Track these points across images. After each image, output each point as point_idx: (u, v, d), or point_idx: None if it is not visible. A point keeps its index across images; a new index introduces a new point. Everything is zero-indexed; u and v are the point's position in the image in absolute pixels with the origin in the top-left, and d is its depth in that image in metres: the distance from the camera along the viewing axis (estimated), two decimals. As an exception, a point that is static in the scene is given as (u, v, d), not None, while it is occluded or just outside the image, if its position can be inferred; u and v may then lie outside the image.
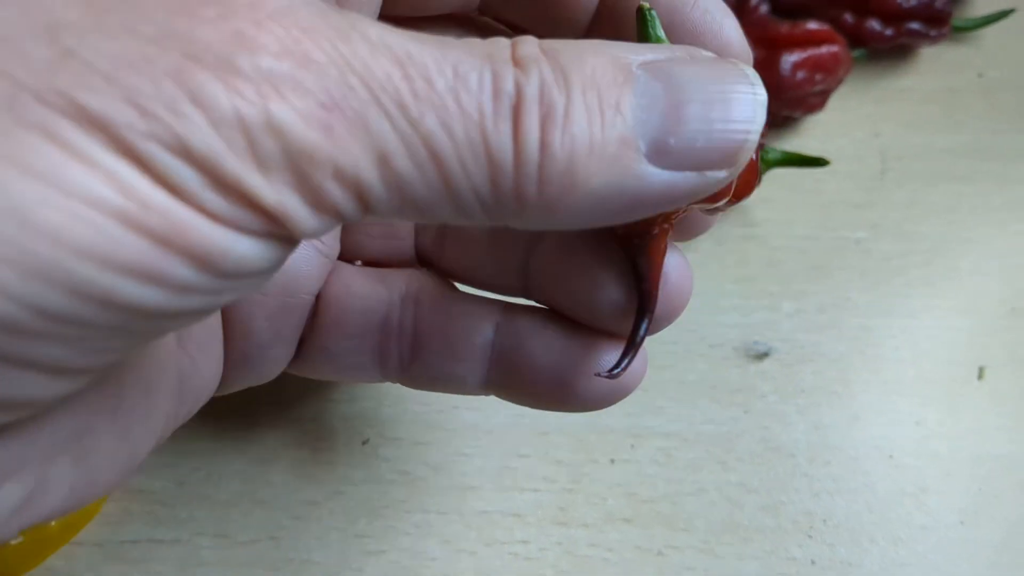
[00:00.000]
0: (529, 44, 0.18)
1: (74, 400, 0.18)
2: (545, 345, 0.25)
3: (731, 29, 0.23)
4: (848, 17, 0.42)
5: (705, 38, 0.22)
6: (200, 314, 0.16)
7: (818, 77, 0.39)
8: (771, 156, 0.38)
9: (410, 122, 0.16)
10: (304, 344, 0.27)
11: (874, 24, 0.42)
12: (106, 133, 0.14)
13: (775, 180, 0.40)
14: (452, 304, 0.26)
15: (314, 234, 0.16)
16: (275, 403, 0.36)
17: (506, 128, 0.16)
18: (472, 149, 0.16)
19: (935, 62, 0.45)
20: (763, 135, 0.38)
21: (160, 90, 0.14)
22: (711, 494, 0.35)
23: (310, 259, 0.26)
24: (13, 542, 0.32)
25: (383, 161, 0.16)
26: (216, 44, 0.15)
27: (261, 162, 0.15)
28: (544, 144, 0.17)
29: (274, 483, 0.34)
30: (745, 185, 0.22)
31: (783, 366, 0.38)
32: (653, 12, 0.22)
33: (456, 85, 0.16)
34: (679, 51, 0.19)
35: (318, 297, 0.27)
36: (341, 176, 0.15)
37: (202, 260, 0.15)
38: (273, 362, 0.27)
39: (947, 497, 0.36)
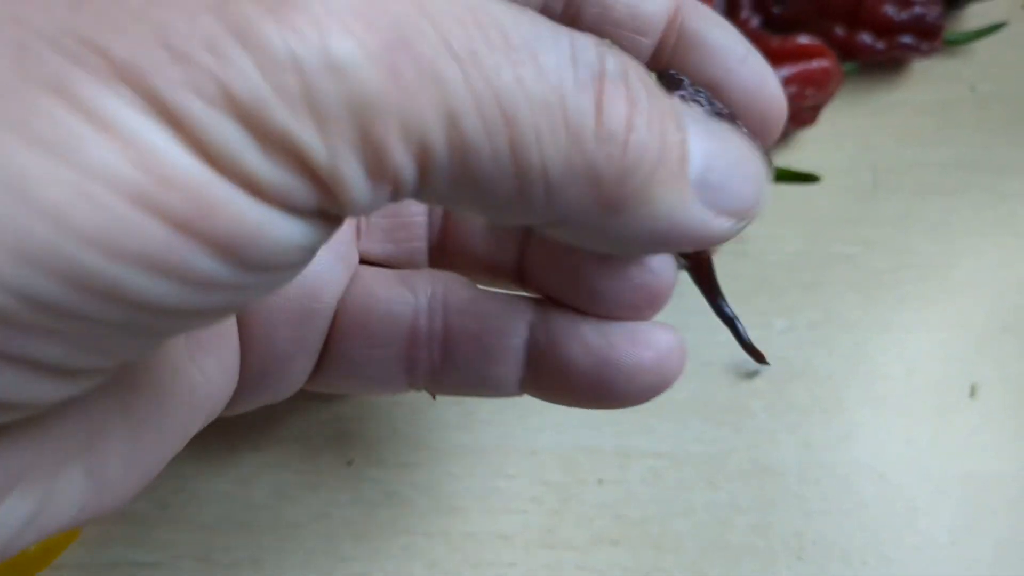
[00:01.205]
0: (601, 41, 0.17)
1: (84, 404, 0.17)
2: (582, 341, 0.24)
3: (775, 87, 0.24)
4: (839, 30, 0.42)
5: (753, 94, 0.23)
6: (221, 313, 0.15)
7: (809, 92, 0.39)
8: (762, 172, 0.38)
9: (484, 76, 0.14)
10: (325, 355, 0.25)
11: (865, 37, 0.42)
12: (133, 84, 0.12)
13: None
14: (483, 305, 0.25)
15: (364, 209, 0.14)
16: (258, 423, 0.35)
17: (588, 100, 0.15)
18: (549, 115, 0.15)
19: (927, 75, 0.45)
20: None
21: (198, 28, 0.12)
22: (700, 514, 0.35)
23: (329, 262, 0.24)
24: (-9, 567, 0.31)
25: (452, 119, 0.14)
26: None
27: (316, 112, 0.13)
28: (631, 126, 0.15)
29: (257, 505, 0.34)
30: None
31: (774, 384, 0.38)
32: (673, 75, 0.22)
33: (533, 42, 0.15)
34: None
35: (340, 304, 0.25)
36: (406, 132, 0.14)
37: (229, 248, 0.13)
38: (294, 375, 0.25)
39: (938, 516, 0.36)
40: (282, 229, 0.13)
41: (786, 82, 0.39)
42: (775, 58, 0.39)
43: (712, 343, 0.38)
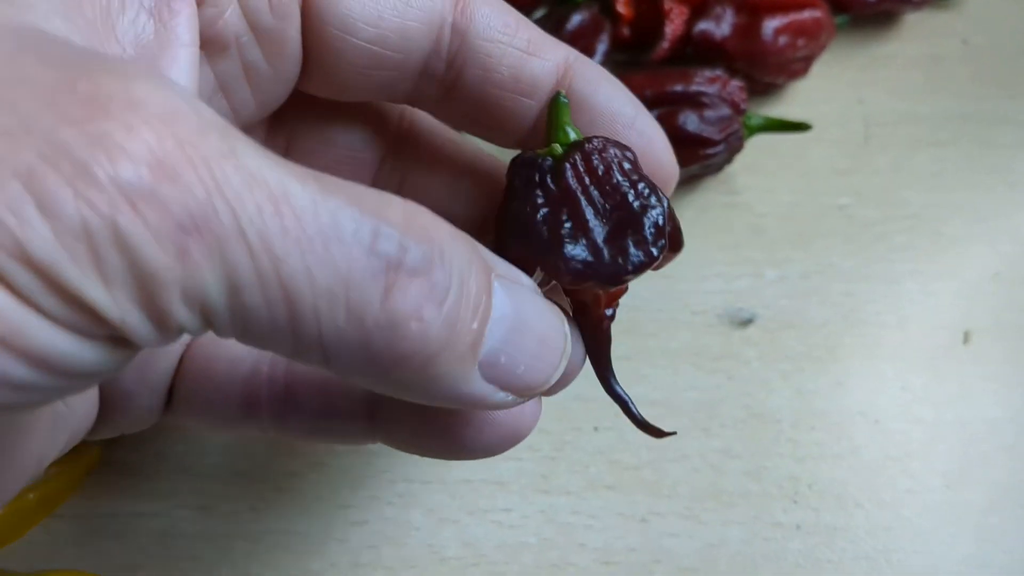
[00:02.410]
0: (424, 214, 0.18)
1: None
2: None
3: (663, 148, 0.25)
4: (831, -17, 0.42)
5: (642, 155, 0.24)
6: (44, 404, 0.16)
7: (800, 42, 0.39)
8: (753, 122, 0.38)
9: (271, 259, 0.15)
10: (173, 394, 0.26)
11: (857, -10, 0.42)
12: None
13: (758, 147, 0.40)
14: None
15: (157, 345, 0.16)
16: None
17: (375, 291, 0.16)
18: (330, 299, 0.16)
19: (919, 28, 0.45)
20: (746, 101, 0.38)
21: (5, 191, 0.14)
22: (694, 460, 0.35)
23: None
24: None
25: (234, 291, 0.15)
26: (76, 146, 0.14)
27: (104, 275, 0.14)
28: (420, 317, 0.17)
29: (255, 455, 0.34)
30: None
31: (767, 332, 0.38)
32: (567, 100, 0.23)
33: (329, 231, 0.16)
34: (521, 276, 0.20)
35: (187, 347, 0.26)
36: (187, 298, 0.15)
37: (40, 361, 0.14)
38: (141, 410, 0.26)
39: (932, 461, 0.36)
40: (84, 350, 0.15)
41: (777, 33, 0.39)
42: (766, 9, 0.39)
43: (703, 292, 0.38)
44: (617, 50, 0.40)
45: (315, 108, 0.25)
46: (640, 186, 0.22)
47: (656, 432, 0.24)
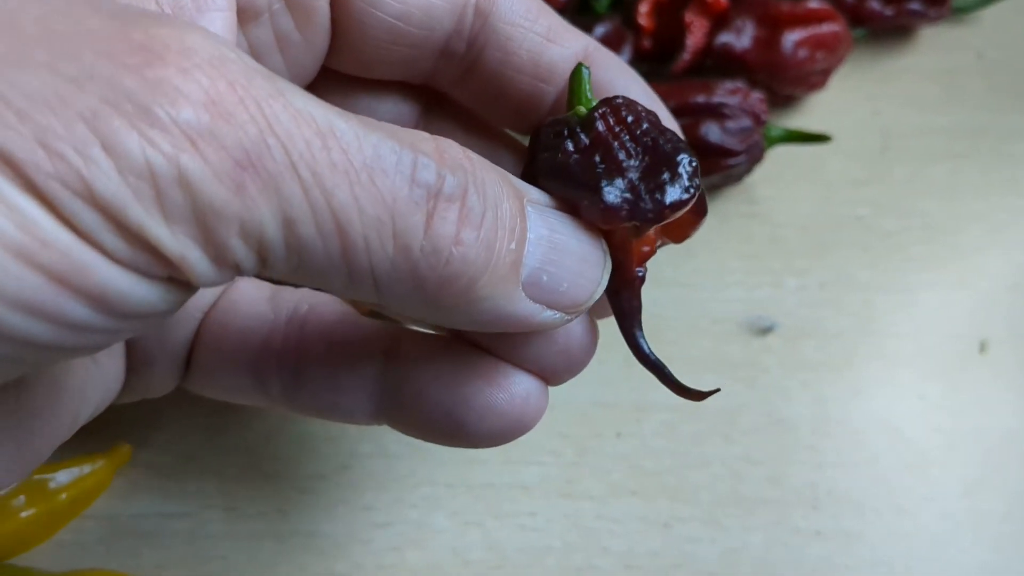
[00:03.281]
0: (454, 147, 0.18)
1: None
2: (434, 378, 0.24)
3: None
4: (848, -4, 0.42)
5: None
6: (96, 349, 0.17)
7: (819, 55, 0.40)
8: (774, 133, 0.39)
9: (323, 192, 0.16)
10: (191, 361, 0.27)
11: (874, 4, 0.43)
12: (13, 169, 0.14)
13: (777, 158, 0.41)
14: (339, 332, 0.25)
15: (212, 284, 0.16)
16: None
17: (419, 217, 0.17)
18: (379, 228, 0.17)
19: (934, 42, 0.45)
20: (766, 113, 0.38)
21: (72, 132, 0.14)
22: (715, 467, 0.36)
23: None
24: (23, 515, 0.32)
25: (289, 225, 0.16)
26: (137, 91, 0.14)
27: (167, 213, 0.15)
28: (459, 240, 0.17)
29: (282, 457, 0.35)
30: (679, 229, 0.23)
31: (786, 341, 0.38)
32: (587, 71, 0.23)
33: (374, 164, 0.16)
34: (551, 202, 0.21)
35: (205, 316, 0.26)
36: (245, 233, 0.16)
37: (99, 300, 0.15)
38: (161, 376, 0.26)
39: (950, 469, 0.36)
40: (144, 290, 0.16)
41: (797, 46, 0.39)
42: (786, 22, 0.39)
43: (723, 300, 0.39)
44: (638, 61, 0.40)
45: (343, 86, 0.25)
46: (668, 134, 0.22)
47: (697, 395, 0.23)
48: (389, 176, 0.17)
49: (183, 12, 0.20)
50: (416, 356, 0.24)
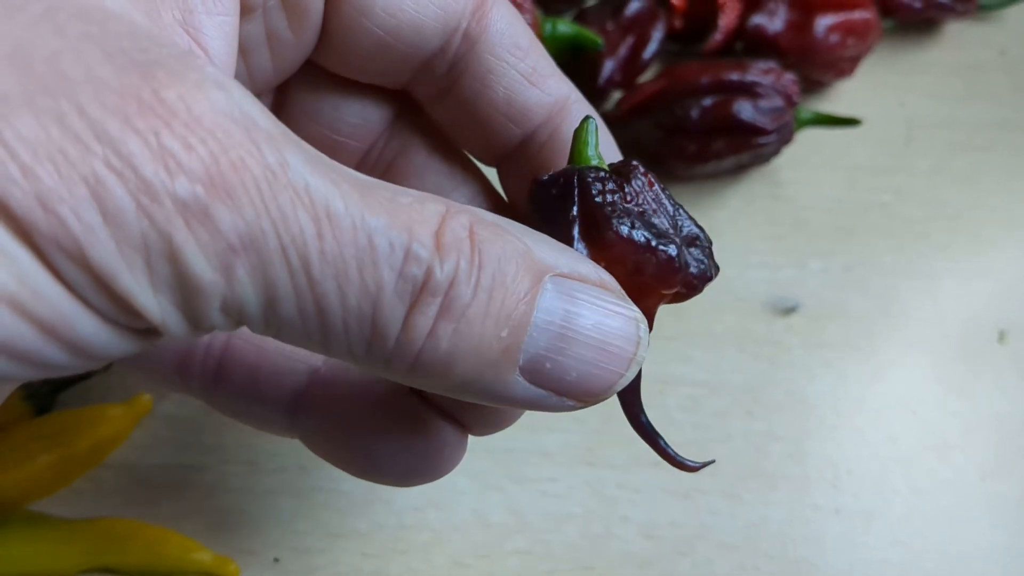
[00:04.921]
0: (460, 224, 0.17)
1: None
2: (354, 408, 0.23)
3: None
4: (878, -13, 0.43)
5: None
6: (65, 374, 0.17)
7: (850, 41, 0.40)
8: (804, 115, 0.39)
9: (309, 280, 0.16)
10: None
11: (904, -5, 0.43)
12: (13, 222, 0.14)
13: (803, 143, 0.41)
14: (270, 341, 0.24)
15: (185, 339, 0.17)
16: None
17: (400, 310, 0.17)
18: (359, 319, 0.17)
19: (959, 38, 0.46)
20: (798, 94, 0.38)
21: (74, 195, 0.14)
22: (737, 441, 0.36)
23: None
24: (42, 460, 0.31)
25: (271, 304, 0.16)
26: (140, 159, 0.15)
27: (154, 282, 0.15)
28: (432, 334, 0.17)
29: (304, 414, 0.34)
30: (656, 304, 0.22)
31: (809, 321, 0.38)
32: (595, 123, 0.21)
33: (364, 255, 0.16)
34: (590, 268, 0.19)
35: None
36: (226, 308, 0.16)
37: (79, 349, 0.16)
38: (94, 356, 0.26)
39: (969, 453, 0.36)
40: (120, 339, 0.16)
41: (829, 30, 0.40)
42: (819, 7, 0.40)
43: (750, 280, 0.39)
44: (669, 40, 0.41)
45: (320, 79, 0.25)
46: (688, 212, 0.22)
47: (691, 468, 0.22)
48: (378, 268, 0.16)
49: (192, 16, 0.19)
50: (341, 386, 0.24)
